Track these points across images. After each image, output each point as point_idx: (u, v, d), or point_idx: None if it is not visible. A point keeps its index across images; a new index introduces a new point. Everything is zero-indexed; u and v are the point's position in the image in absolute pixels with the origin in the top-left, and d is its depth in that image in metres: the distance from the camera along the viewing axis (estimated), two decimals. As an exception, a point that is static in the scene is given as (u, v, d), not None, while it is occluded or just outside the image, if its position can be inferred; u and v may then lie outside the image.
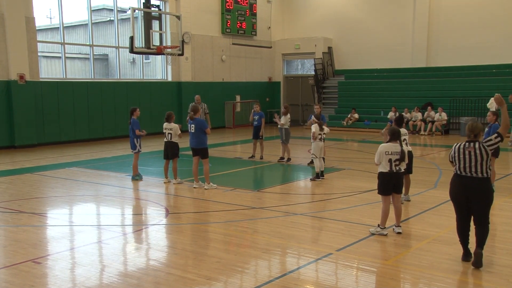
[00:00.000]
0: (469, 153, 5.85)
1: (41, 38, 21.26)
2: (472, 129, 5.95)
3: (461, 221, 6.07)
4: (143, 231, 7.61)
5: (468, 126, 6.02)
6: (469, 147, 5.88)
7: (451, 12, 23.29)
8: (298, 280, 5.54)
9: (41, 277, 5.67)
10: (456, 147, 6.00)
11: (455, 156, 5.97)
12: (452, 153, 6.02)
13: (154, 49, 17.57)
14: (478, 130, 5.95)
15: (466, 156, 5.87)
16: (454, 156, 5.99)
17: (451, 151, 6.06)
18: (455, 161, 5.97)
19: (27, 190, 10.38)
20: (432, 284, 5.41)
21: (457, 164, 5.96)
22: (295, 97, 27.70)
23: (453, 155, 6.01)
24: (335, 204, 9.14)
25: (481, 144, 5.88)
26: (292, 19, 27.87)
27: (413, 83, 23.52)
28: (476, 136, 5.95)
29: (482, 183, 5.85)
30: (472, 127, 5.97)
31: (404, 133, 8.78)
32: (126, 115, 19.60)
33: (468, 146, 5.89)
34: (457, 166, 5.96)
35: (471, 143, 5.91)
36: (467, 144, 5.93)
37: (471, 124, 6.02)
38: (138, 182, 11.22)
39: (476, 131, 5.94)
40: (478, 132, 5.96)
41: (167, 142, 10.93)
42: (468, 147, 5.88)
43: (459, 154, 5.92)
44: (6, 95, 16.56)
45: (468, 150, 5.86)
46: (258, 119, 13.97)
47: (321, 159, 11.20)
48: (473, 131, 5.94)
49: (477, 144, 5.87)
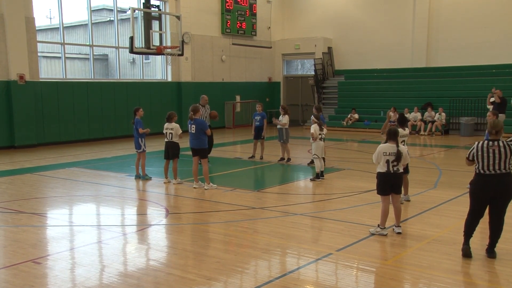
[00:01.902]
0: (493, 151, 5.87)
1: (41, 38, 21.28)
2: (494, 125, 5.98)
3: (477, 218, 6.13)
4: (143, 231, 7.61)
5: (491, 123, 6.05)
6: (493, 146, 5.89)
7: (451, 12, 23.30)
8: (298, 280, 5.54)
9: (41, 277, 5.67)
10: (479, 146, 5.96)
11: (478, 155, 5.95)
12: (474, 152, 5.98)
13: (154, 49, 17.57)
14: (499, 127, 5.98)
15: (490, 154, 5.88)
16: (477, 155, 5.95)
17: (471, 150, 6.02)
18: (478, 160, 5.95)
19: (27, 190, 10.38)
20: (432, 284, 5.41)
21: (480, 163, 5.94)
22: (295, 97, 27.70)
23: (475, 154, 5.97)
24: (335, 204, 9.14)
25: (504, 142, 5.94)
26: (292, 19, 27.88)
27: (413, 83, 23.52)
28: (497, 133, 5.98)
29: (507, 178, 5.92)
30: (494, 123, 6.00)
31: (404, 134, 8.78)
32: (126, 115, 19.68)
33: (492, 145, 5.90)
34: (480, 165, 5.94)
35: (494, 141, 5.93)
36: (490, 142, 5.93)
37: (494, 121, 6.09)
38: (139, 182, 11.22)
39: (498, 127, 5.97)
40: (499, 129, 5.98)
41: (168, 142, 10.93)
42: (492, 146, 5.90)
43: (482, 153, 5.92)
44: (6, 95, 16.56)
45: (493, 148, 5.88)
46: (260, 120, 13.97)
47: (321, 159, 11.19)
48: (495, 127, 5.97)
49: (501, 143, 5.91)
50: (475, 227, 6.16)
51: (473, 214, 6.15)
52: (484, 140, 6.02)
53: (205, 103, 13.18)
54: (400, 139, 8.22)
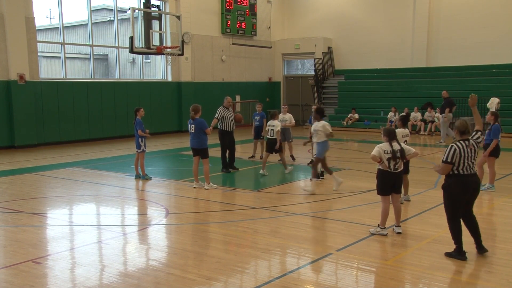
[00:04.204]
0: (469, 151, 5.97)
1: (41, 38, 21.25)
2: (465, 125, 6.09)
3: (458, 221, 6.13)
4: (143, 231, 7.61)
5: (462, 125, 6.10)
6: (469, 145, 5.99)
7: (451, 12, 23.29)
8: (298, 280, 5.54)
9: (41, 277, 5.67)
10: (459, 147, 5.95)
11: (460, 156, 5.94)
12: (457, 153, 5.95)
13: (154, 49, 17.58)
14: (469, 126, 6.12)
15: (468, 154, 5.96)
16: (459, 157, 5.94)
17: (453, 152, 5.95)
18: (460, 161, 5.94)
19: (27, 190, 10.38)
20: (432, 284, 5.41)
21: (461, 164, 5.95)
22: (295, 97, 27.70)
23: (456, 156, 5.94)
24: (335, 204, 9.14)
25: (472, 141, 6.08)
26: (292, 19, 27.88)
27: (413, 83, 23.52)
28: (469, 132, 6.12)
29: (477, 177, 6.16)
30: (465, 123, 6.10)
31: (406, 133, 8.80)
32: (126, 115, 19.70)
33: (468, 145, 5.99)
34: (461, 166, 5.95)
35: (467, 141, 6.02)
36: (466, 142, 6.00)
37: (463, 121, 6.15)
38: (139, 182, 11.22)
39: (469, 127, 6.11)
40: (470, 128, 6.13)
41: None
42: (469, 145, 5.98)
43: (464, 153, 5.94)
44: (6, 95, 16.56)
45: (469, 148, 5.97)
46: (259, 120, 13.95)
47: (321, 159, 11.18)
48: (467, 126, 6.09)
49: (472, 142, 6.06)
50: (461, 230, 6.11)
51: (455, 218, 6.11)
52: (460, 141, 6.05)
53: (229, 105, 12.43)
54: (402, 139, 8.24)
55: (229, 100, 12.58)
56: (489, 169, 9.90)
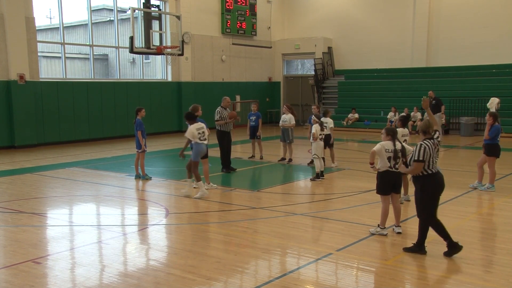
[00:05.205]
0: (436, 150, 6.14)
1: (41, 38, 21.26)
2: (430, 125, 6.23)
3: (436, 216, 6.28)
4: (143, 231, 7.62)
5: (426, 125, 6.24)
6: (435, 144, 6.16)
7: (451, 12, 23.29)
8: (298, 280, 5.54)
9: (41, 277, 5.67)
10: (428, 147, 6.07)
11: (429, 155, 6.05)
12: (427, 153, 6.04)
13: (154, 49, 17.57)
14: (431, 126, 6.26)
15: (434, 153, 6.12)
16: (429, 155, 6.05)
17: (423, 151, 6.03)
18: (429, 160, 6.06)
19: (27, 190, 10.38)
20: (432, 284, 5.41)
21: (431, 164, 6.09)
22: (295, 97, 27.69)
23: (427, 153, 6.04)
24: (335, 204, 9.14)
25: (435, 140, 6.25)
26: (292, 19, 27.88)
27: (413, 83, 23.51)
28: (432, 132, 6.26)
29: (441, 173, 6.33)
30: (429, 123, 6.24)
31: (406, 133, 8.81)
32: (126, 115, 19.70)
33: (434, 143, 6.15)
34: (431, 165, 6.09)
35: (431, 139, 6.18)
36: (432, 141, 6.16)
37: (426, 121, 6.31)
38: (139, 182, 11.22)
39: (432, 126, 6.25)
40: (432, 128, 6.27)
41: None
42: (434, 144, 6.15)
43: (430, 152, 6.07)
44: (6, 95, 16.56)
45: (434, 146, 6.14)
46: (255, 120, 13.90)
47: (321, 159, 11.19)
48: (431, 126, 6.22)
49: (435, 140, 6.22)
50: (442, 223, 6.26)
51: (433, 215, 6.23)
52: (425, 139, 6.16)
53: (227, 105, 12.32)
54: (402, 138, 8.25)
55: (227, 101, 12.46)
56: (489, 169, 9.90)
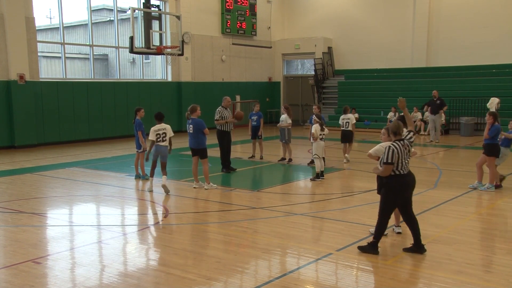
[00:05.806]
0: (404, 150, 6.16)
1: (41, 38, 21.26)
2: (399, 126, 6.26)
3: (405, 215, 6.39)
4: (143, 231, 7.61)
5: (396, 126, 6.27)
6: (405, 145, 6.19)
7: (451, 12, 23.30)
8: (298, 280, 5.54)
9: (41, 277, 5.67)
10: (398, 149, 6.08)
11: (398, 157, 6.07)
12: (395, 154, 6.06)
13: (154, 49, 17.57)
14: (401, 127, 6.31)
15: (404, 154, 6.15)
16: (398, 157, 6.07)
17: (391, 153, 6.03)
18: (398, 162, 6.08)
19: (27, 190, 10.38)
20: (432, 284, 5.41)
21: (400, 165, 6.12)
22: (295, 97, 27.70)
23: (395, 155, 6.05)
24: (335, 204, 9.14)
25: (406, 141, 6.29)
26: (292, 19, 27.88)
27: (413, 83, 23.51)
28: (401, 133, 6.30)
29: (413, 174, 6.37)
30: (399, 125, 6.26)
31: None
32: (126, 115, 19.69)
33: (403, 144, 6.18)
34: (400, 166, 6.12)
35: (402, 141, 6.21)
36: (401, 142, 6.18)
37: (396, 123, 6.33)
38: (139, 182, 11.22)
39: (401, 128, 6.29)
40: (402, 129, 6.32)
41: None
42: (404, 145, 6.17)
43: (401, 154, 6.10)
44: (6, 95, 16.56)
45: (404, 147, 6.16)
46: (256, 119, 13.93)
47: (322, 159, 11.19)
48: (400, 128, 6.26)
49: (405, 141, 6.26)
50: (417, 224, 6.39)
51: (389, 215, 6.34)
52: (395, 141, 6.18)
53: (227, 105, 12.30)
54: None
55: (228, 100, 12.43)
56: (489, 169, 9.90)
